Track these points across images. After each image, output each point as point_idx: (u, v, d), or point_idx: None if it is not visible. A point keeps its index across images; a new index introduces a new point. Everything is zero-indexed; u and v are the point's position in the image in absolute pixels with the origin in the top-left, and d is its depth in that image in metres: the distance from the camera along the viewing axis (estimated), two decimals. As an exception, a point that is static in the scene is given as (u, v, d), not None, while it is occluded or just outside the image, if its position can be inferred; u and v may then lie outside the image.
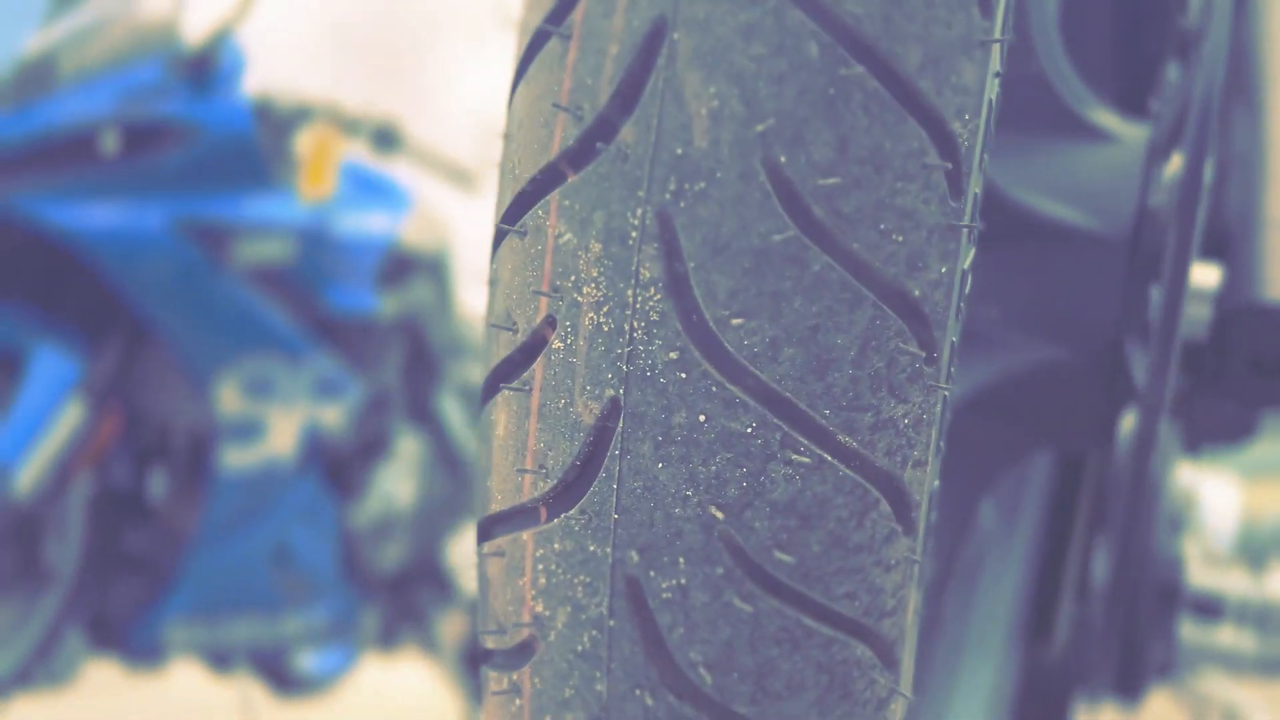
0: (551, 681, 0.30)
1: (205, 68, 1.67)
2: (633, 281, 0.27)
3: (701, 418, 0.27)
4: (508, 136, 0.32)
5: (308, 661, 3.12)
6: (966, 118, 0.27)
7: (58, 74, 1.60)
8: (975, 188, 0.29)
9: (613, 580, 0.29)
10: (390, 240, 1.98)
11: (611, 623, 0.29)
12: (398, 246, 2.00)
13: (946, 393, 0.29)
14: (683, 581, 0.28)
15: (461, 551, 2.21)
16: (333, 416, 1.85)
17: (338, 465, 1.97)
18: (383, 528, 2.02)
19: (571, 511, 0.29)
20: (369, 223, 1.95)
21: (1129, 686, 0.95)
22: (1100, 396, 0.56)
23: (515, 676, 0.31)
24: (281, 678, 3.02)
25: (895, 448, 0.28)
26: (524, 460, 0.30)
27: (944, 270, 0.27)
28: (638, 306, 0.27)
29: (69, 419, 1.57)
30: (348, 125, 1.86)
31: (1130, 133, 0.58)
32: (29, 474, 1.52)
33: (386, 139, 1.91)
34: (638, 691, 0.29)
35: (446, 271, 2.21)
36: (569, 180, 0.29)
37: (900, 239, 0.27)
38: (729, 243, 0.26)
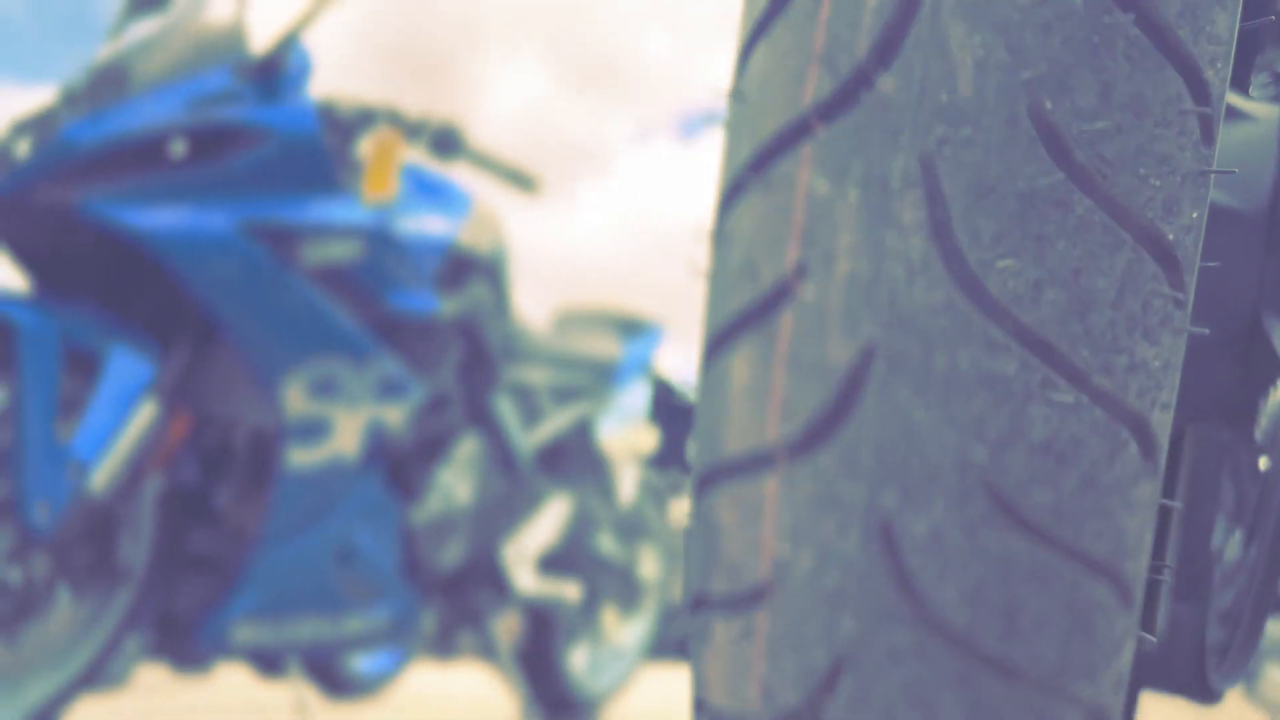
0: (792, 622, 0.31)
1: (273, 72, 1.70)
2: (893, 227, 0.28)
3: (963, 360, 0.28)
4: (740, 94, 0.33)
5: (359, 663, 3.14)
6: (1218, 66, 0.28)
7: (130, 80, 1.63)
8: (1219, 135, 0.29)
9: (864, 521, 0.29)
10: (450, 242, 2.00)
11: (861, 563, 0.30)
12: (457, 248, 2.02)
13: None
14: (938, 522, 0.29)
15: (517, 552, 2.22)
16: (395, 417, 1.87)
17: (399, 465, 1.98)
18: (443, 528, 2.03)
19: (821, 454, 0.30)
20: (429, 225, 1.97)
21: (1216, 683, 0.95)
22: (1241, 374, 0.56)
23: (748, 620, 0.32)
24: (333, 679, 3.04)
25: (1145, 389, 0.28)
26: (768, 405, 0.31)
27: (1194, 215, 0.28)
28: (898, 252, 0.28)
29: (142, 419, 1.59)
30: (410, 129, 1.88)
31: (1262, 111, 0.59)
32: (104, 472, 1.54)
33: (447, 142, 1.93)
34: (886, 630, 0.30)
35: (503, 273, 2.22)
36: (823, 131, 0.29)
37: (1157, 184, 0.27)
38: (994, 187, 0.27)
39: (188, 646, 1.77)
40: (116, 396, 1.58)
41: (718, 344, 0.32)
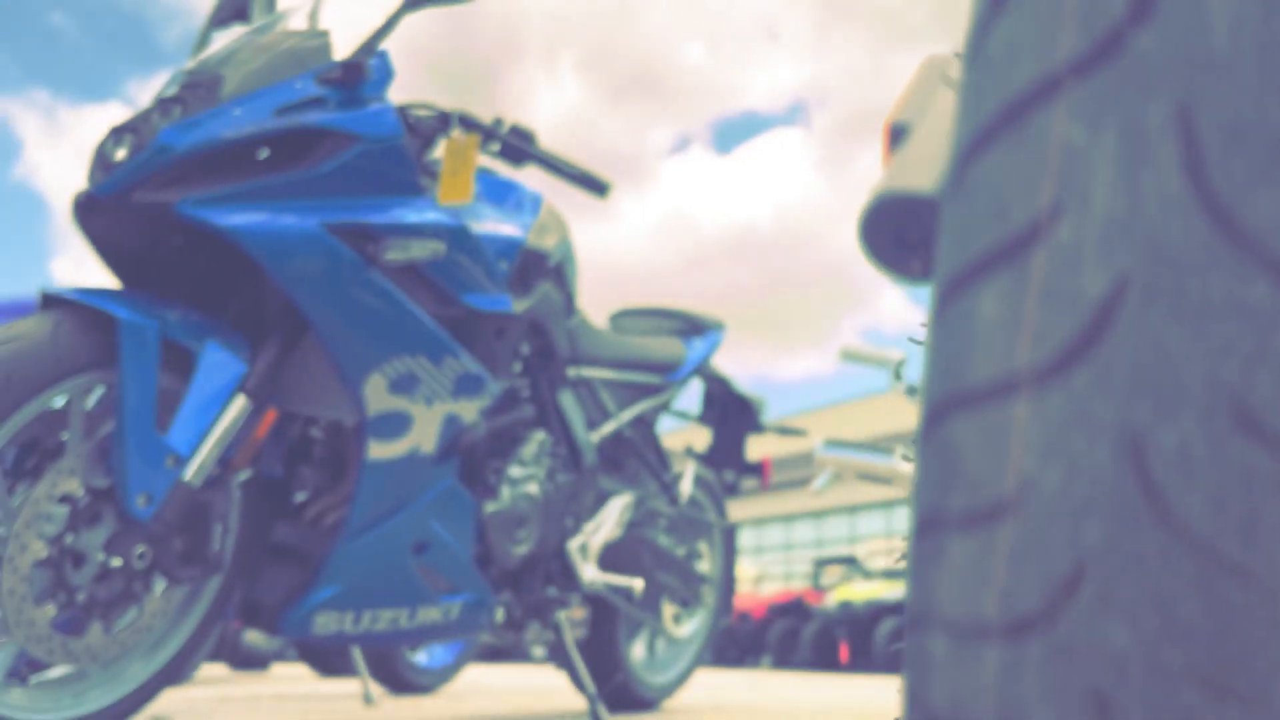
0: (1036, 532, 0.34)
1: (356, 78, 1.75)
2: (1150, 168, 0.32)
3: (1215, 287, 0.31)
4: (980, 56, 0.36)
5: (418, 658, 3.18)
6: None
7: (220, 87, 1.68)
8: None
9: (1115, 436, 0.33)
10: (521, 242, 2.04)
11: (1109, 474, 0.33)
12: (527, 248, 2.07)
13: None
14: (1186, 435, 0.32)
15: (582, 546, 2.26)
16: (470, 412, 1.91)
17: (471, 460, 2.03)
18: (514, 521, 2.07)
19: (1075, 376, 0.33)
20: (502, 226, 2.02)
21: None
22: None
23: (990, 533, 0.35)
24: (393, 674, 3.08)
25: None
26: (1019, 334, 0.34)
27: None
28: (1154, 190, 0.32)
29: (233, 414, 1.63)
30: (485, 132, 1.93)
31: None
32: (198, 465, 1.59)
33: (521, 145, 1.98)
34: (1130, 537, 0.33)
35: (570, 272, 2.26)
36: (1077, 86, 0.33)
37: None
38: (1248, 132, 0.30)
39: (275, 634, 1.82)
40: (211, 392, 1.63)
41: (959, 282, 0.36)
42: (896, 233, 0.60)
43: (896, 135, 0.64)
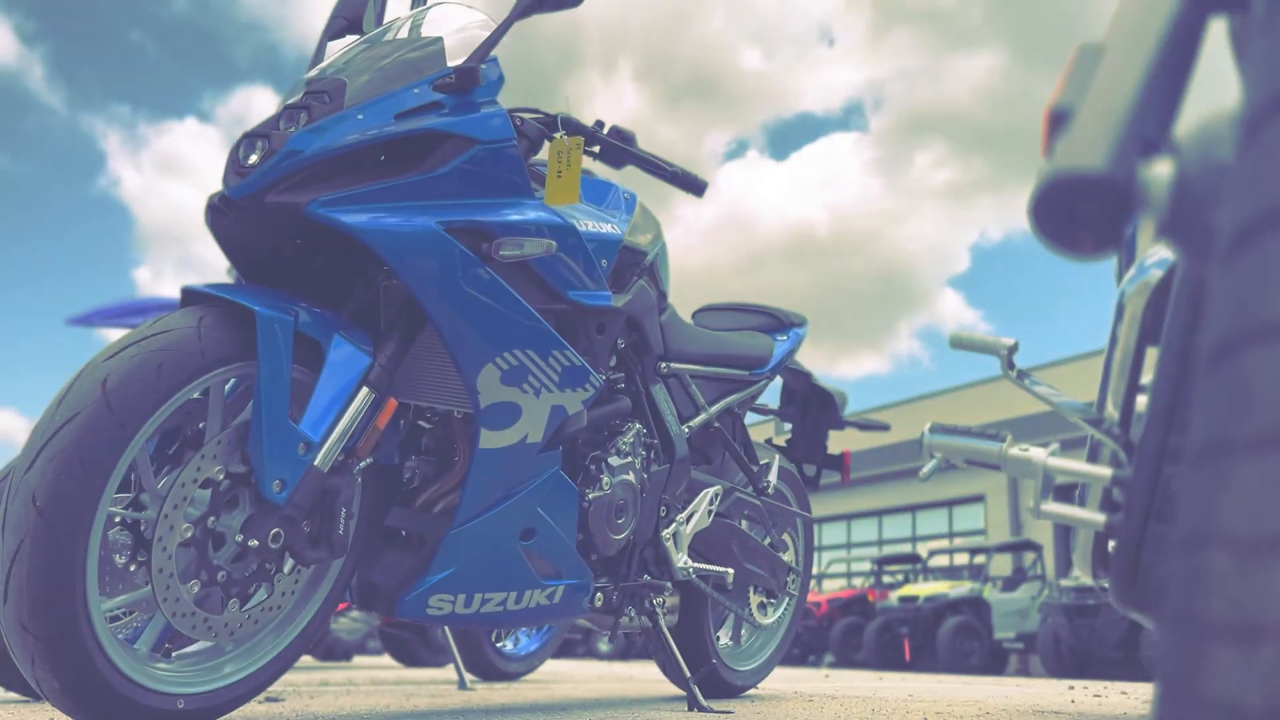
0: None
1: (470, 83, 1.83)
2: None
3: None
4: (1272, 26, 0.42)
5: (505, 645, 3.26)
6: None
7: (342, 95, 1.77)
8: None
9: None
10: (619, 241, 2.11)
11: None
12: (625, 246, 2.13)
13: None
14: None
15: (674, 536, 2.32)
16: (574, 404, 1.98)
17: (573, 449, 2.10)
18: (612, 509, 2.13)
19: None
20: (603, 225, 2.09)
21: None
22: None
23: None
24: (481, 661, 3.16)
25: None
26: None
27: None
28: None
29: (358, 404, 1.72)
30: (588, 135, 2.00)
31: None
32: (328, 452, 1.68)
33: (622, 146, 2.04)
34: None
35: (663, 269, 2.33)
36: None
37: None
38: None
39: (393, 616, 1.90)
40: (339, 383, 1.72)
41: (1258, 227, 0.40)
42: (1069, 212, 0.64)
43: (1058, 119, 0.68)
